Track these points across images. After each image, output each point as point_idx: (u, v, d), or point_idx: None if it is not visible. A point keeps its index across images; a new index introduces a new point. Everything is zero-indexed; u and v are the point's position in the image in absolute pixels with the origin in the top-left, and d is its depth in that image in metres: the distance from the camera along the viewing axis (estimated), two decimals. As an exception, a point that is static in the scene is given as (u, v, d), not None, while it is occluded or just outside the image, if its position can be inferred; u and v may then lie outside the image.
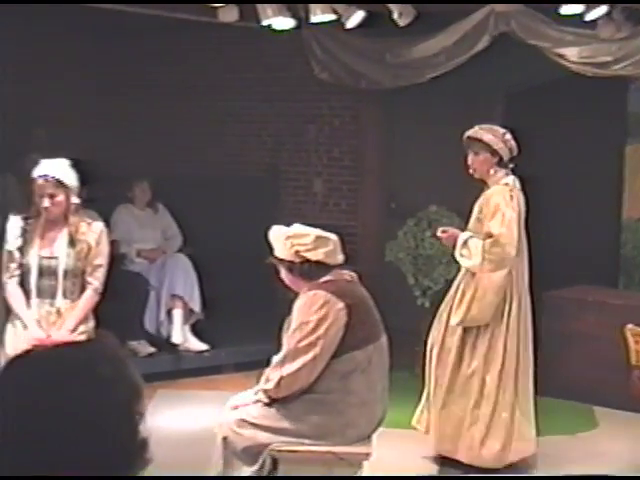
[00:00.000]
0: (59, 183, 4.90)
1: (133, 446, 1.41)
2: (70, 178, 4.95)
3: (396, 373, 4.70)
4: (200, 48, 8.92)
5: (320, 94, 8.46)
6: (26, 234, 5.00)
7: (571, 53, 6.53)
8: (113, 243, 6.66)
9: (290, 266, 4.27)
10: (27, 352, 1.47)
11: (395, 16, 6.84)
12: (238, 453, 4.21)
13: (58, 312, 4.97)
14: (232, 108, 8.96)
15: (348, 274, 4.52)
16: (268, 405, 4.23)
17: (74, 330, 4.94)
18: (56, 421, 1.35)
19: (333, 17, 7.06)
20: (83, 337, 4.84)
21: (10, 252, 5.01)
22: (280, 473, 4.20)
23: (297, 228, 4.37)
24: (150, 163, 8.49)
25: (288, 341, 4.25)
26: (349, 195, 8.54)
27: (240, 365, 7.22)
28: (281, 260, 4.30)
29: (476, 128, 5.45)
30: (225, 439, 4.24)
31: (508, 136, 5.41)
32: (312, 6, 7.01)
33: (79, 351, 1.45)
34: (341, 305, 4.14)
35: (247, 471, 4.18)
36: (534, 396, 5.48)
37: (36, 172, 4.94)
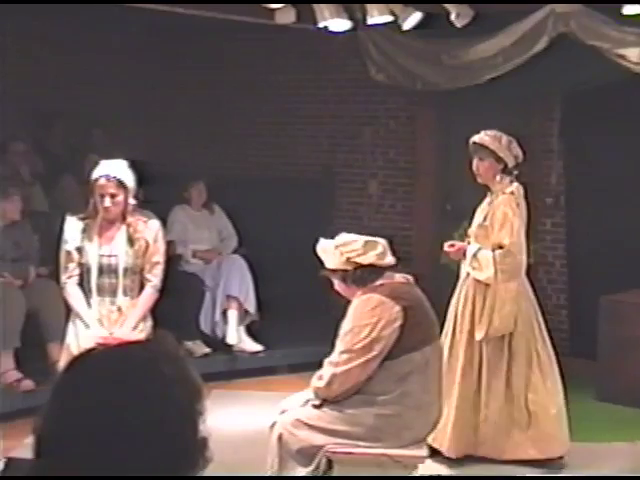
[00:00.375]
0: (120, 183, 4.96)
1: (195, 445, 1.41)
2: (129, 179, 5.01)
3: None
4: (256, 50, 8.95)
5: (376, 96, 8.44)
6: (84, 234, 5.05)
7: (632, 54, 6.42)
8: (169, 244, 6.73)
9: (343, 275, 4.28)
10: (91, 351, 1.49)
11: (452, 17, 6.80)
12: (293, 454, 4.22)
13: (119, 310, 5.03)
14: (288, 110, 8.97)
15: (403, 276, 4.51)
16: (323, 407, 4.23)
17: (135, 328, 5.00)
18: (119, 420, 1.35)
19: (390, 18, 7.04)
20: (143, 335, 4.90)
21: (69, 252, 5.07)
22: (335, 474, 4.20)
23: (344, 237, 4.39)
24: (206, 164, 8.54)
25: (341, 342, 4.25)
26: (404, 197, 8.51)
27: (294, 366, 7.22)
28: (334, 271, 4.31)
29: (482, 134, 5.48)
30: (280, 439, 4.24)
31: (514, 144, 5.45)
32: (369, 7, 7.00)
33: (143, 350, 1.45)
34: (397, 308, 4.14)
35: (302, 472, 4.18)
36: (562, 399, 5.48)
37: (97, 172, 5.00)
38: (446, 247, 5.59)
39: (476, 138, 5.48)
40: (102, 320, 5.00)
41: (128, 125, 8.67)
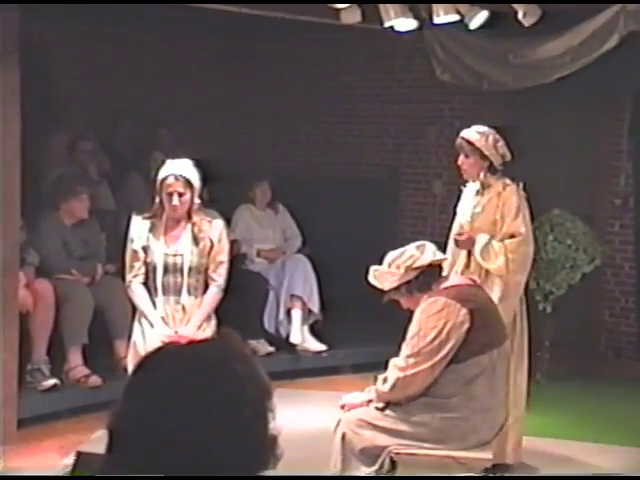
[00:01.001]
0: (187, 182, 4.99)
1: (266, 443, 1.41)
2: (195, 178, 5.04)
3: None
4: (321, 50, 8.96)
5: (441, 95, 8.39)
6: (150, 233, 5.10)
7: None
8: (233, 243, 6.77)
9: (407, 287, 4.27)
10: (160, 349, 1.49)
11: (520, 16, 6.72)
12: (356, 453, 4.21)
13: (183, 309, 5.06)
14: (352, 110, 8.96)
15: (470, 278, 4.48)
16: (388, 407, 4.22)
17: (199, 327, 5.03)
18: (193, 417, 1.36)
19: (456, 17, 6.98)
20: (207, 334, 4.93)
21: (135, 251, 5.11)
22: (398, 475, 4.18)
23: (391, 254, 4.40)
24: (271, 164, 8.58)
25: (407, 345, 4.23)
26: (469, 197, 8.44)
27: (357, 366, 7.21)
28: (397, 289, 4.29)
29: (471, 130, 5.40)
30: (343, 438, 4.24)
31: (500, 143, 5.36)
32: (435, 7, 6.95)
33: (213, 348, 1.46)
34: (463, 310, 4.11)
35: (365, 471, 4.18)
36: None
37: (165, 171, 5.04)
38: (455, 236, 5.46)
39: (464, 134, 5.41)
40: (167, 319, 5.04)
41: (193, 124, 8.74)
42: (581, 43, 6.66)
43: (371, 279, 4.39)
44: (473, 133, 5.37)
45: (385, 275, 4.29)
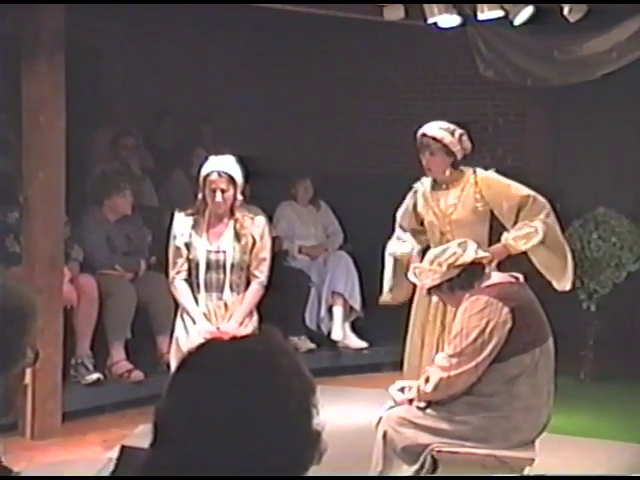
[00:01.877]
0: (230, 179, 5.00)
1: (311, 438, 1.41)
2: (238, 174, 5.06)
3: (560, 378, 4.57)
4: (364, 46, 8.94)
5: (484, 92, 8.34)
6: (192, 229, 5.12)
7: None
8: (275, 239, 6.78)
9: (449, 285, 4.24)
10: (205, 344, 1.50)
11: (565, 12, 6.66)
12: (398, 452, 4.20)
13: (225, 305, 5.08)
14: (395, 107, 8.94)
15: (513, 275, 4.45)
16: (430, 406, 4.20)
17: (241, 323, 5.04)
18: (238, 412, 1.36)
19: (501, 14, 6.94)
20: (249, 331, 4.94)
21: (178, 248, 5.14)
22: (440, 474, 4.16)
23: (433, 251, 4.41)
24: (313, 161, 8.57)
25: (450, 344, 4.21)
26: (512, 195, 8.38)
27: (398, 364, 7.16)
28: (439, 286, 4.26)
29: (434, 127, 5.16)
30: (385, 437, 4.23)
31: (465, 137, 5.17)
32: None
33: (257, 343, 1.46)
34: (506, 309, 4.08)
35: (407, 470, 4.16)
36: None
37: (208, 167, 5.06)
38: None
39: (429, 131, 5.17)
40: (209, 315, 5.06)
41: (236, 122, 8.76)
42: (628, 39, 6.58)
43: (411, 276, 4.37)
44: (438, 130, 5.14)
45: (426, 273, 4.27)
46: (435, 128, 5.16)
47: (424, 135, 5.18)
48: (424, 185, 5.32)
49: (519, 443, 4.16)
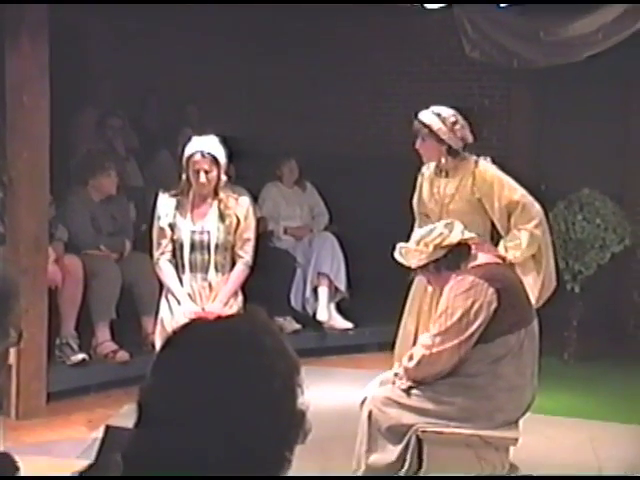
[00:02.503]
0: (214, 159, 4.99)
1: (295, 417, 1.41)
2: (222, 155, 5.05)
3: (544, 358, 4.59)
4: (349, 27, 8.91)
5: (470, 73, 8.34)
6: (176, 210, 5.11)
7: None
8: (260, 220, 6.78)
9: (436, 265, 4.25)
10: (189, 324, 1.50)
11: (551, -8, 6.66)
12: (383, 431, 4.22)
13: (210, 286, 5.08)
14: (381, 87, 8.93)
15: (500, 256, 4.47)
16: (415, 386, 4.22)
17: (226, 304, 5.05)
18: (222, 391, 1.36)
19: (487, -6, 6.94)
20: (234, 311, 4.94)
21: (162, 228, 5.13)
22: (425, 454, 4.19)
23: (419, 231, 4.39)
24: (299, 142, 8.56)
25: (435, 323, 4.23)
26: (497, 176, 8.39)
27: (384, 344, 7.16)
28: (424, 267, 4.27)
29: (428, 113, 5.04)
30: (370, 416, 4.25)
31: (458, 126, 4.97)
32: (465, -17, 6.90)
33: (241, 323, 1.46)
34: (491, 290, 4.09)
35: (392, 449, 4.18)
36: None
37: (191, 148, 5.05)
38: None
39: (421, 116, 5.06)
40: (193, 296, 5.06)
41: (222, 101, 8.73)
42: (614, 20, 6.59)
43: (397, 256, 4.37)
44: (430, 115, 5.03)
45: (413, 253, 4.28)
46: (428, 113, 5.05)
47: (416, 119, 5.09)
48: (429, 169, 5.21)
49: (503, 423, 4.18)
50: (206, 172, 5.00)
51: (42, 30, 5.66)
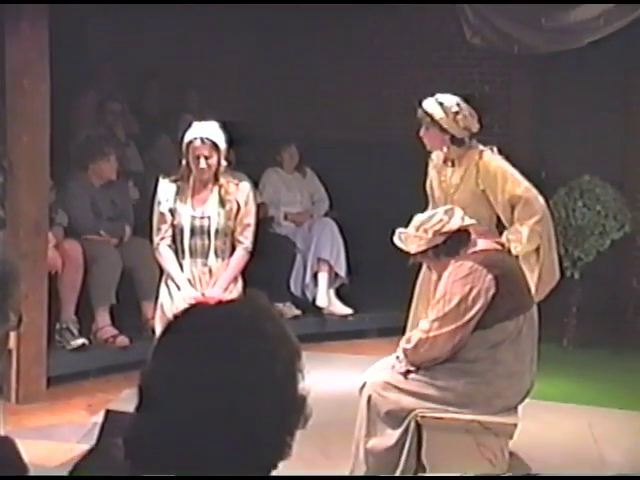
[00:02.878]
0: (213, 145, 4.99)
1: (296, 402, 1.42)
2: (222, 140, 5.04)
3: (543, 345, 4.60)
4: (350, 14, 8.88)
5: (471, 59, 8.31)
6: (177, 195, 5.11)
7: None
8: (261, 206, 6.78)
9: (435, 251, 4.25)
10: (190, 309, 1.50)
11: (553, -22, 6.64)
12: (382, 416, 4.23)
13: (210, 271, 5.08)
14: (381, 73, 8.90)
15: (499, 242, 4.47)
16: (414, 371, 4.23)
17: (226, 289, 5.05)
18: (223, 376, 1.37)
19: (488, -20, 6.91)
20: (234, 296, 4.94)
21: (162, 214, 5.13)
22: (424, 439, 4.20)
23: (419, 217, 4.36)
24: (299, 127, 8.54)
25: (433, 309, 4.24)
26: (498, 163, 8.38)
27: (383, 330, 7.22)
28: (423, 253, 4.27)
29: (431, 101, 4.99)
30: (369, 401, 4.26)
31: (460, 115, 4.90)
32: (466, -31, 6.87)
33: (243, 307, 1.46)
34: (489, 276, 4.10)
35: (391, 434, 4.19)
36: None
37: (191, 134, 5.04)
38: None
39: (424, 104, 5.01)
40: (193, 281, 5.06)
41: (222, 87, 8.71)
42: (615, 6, 6.57)
43: (397, 241, 4.36)
44: (432, 104, 4.98)
45: (412, 239, 4.27)
46: (431, 102, 5.01)
47: (420, 107, 5.05)
48: (439, 157, 5.17)
49: (502, 409, 4.20)
50: (206, 158, 4.99)
51: (42, 14, 5.65)
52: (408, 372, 4.24)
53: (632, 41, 6.98)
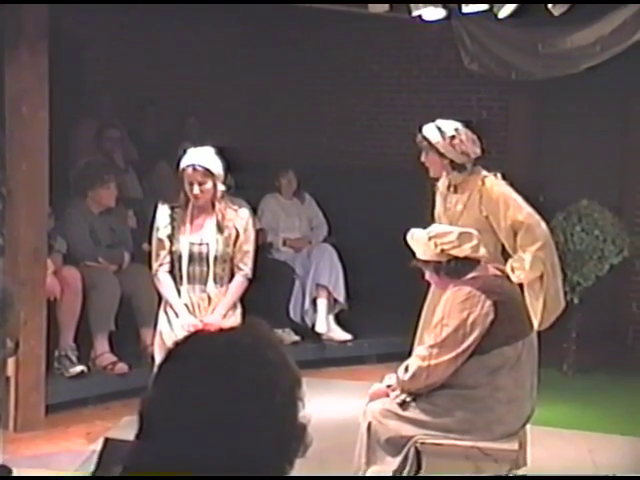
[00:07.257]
0: (207, 171, 4.99)
1: (296, 431, 1.41)
2: (217, 166, 5.03)
3: (543, 370, 4.59)
4: (348, 38, 8.93)
5: (468, 85, 8.35)
6: (175, 222, 5.11)
7: None
8: (259, 232, 6.78)
9: (436, 267, 4.23)
10: (191, 336, 1.49)
11: (549, 5, 6.67)
12: (382, 443, 4.21)
13: (208, 298, 5.07)
14: (379, 99, 8.94)
15: (498, 268, 4.46)
16: (413, 398, 4.21)
17: (225, 316, 5.04)
18: (224, 404, 1.36)
19: (485, 6, 6.95)
20: (232, 323, 4.92)
21: (160, 240, 5.12)
22: (423, 466, 4.18)
23: (437, 227, 4.36)
24: (298, 153, 8.56)
25: (430, 334, 4.22)
26: (496, 188, 8.40)
27: (382, 356, 7.21)
28: (426, 262, 4.26)
29: (431, 126, 5.01)
30: (369, 428, 4.24)
31: (457, 140, 4.91)
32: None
33: (244, 335, 1.46)
34: (488, 302, 4.08)
35: (390, 461, 4.17)
36: None
37: (185, 161, 5.05)
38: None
39: (423, 129, 5.03)
40: (192, 308, 5.05)
41: (220, 113, 8.74)
42: (612, 32, 6.60)
43: (408, 239, 4.32)
44: (431, 129, 5.00)
45: (420, 244, 4.25)
46: (430, 127, 5.03)
47: (420, 132, 5.07)
48: (444, 184, 5.18)
49: (502, 435, 4.17)
50: (200, 184, 4.99)
51: (41, 41, 5.67)
52: (408, 400, 4.22)
53: (629, 67, 7.01)
